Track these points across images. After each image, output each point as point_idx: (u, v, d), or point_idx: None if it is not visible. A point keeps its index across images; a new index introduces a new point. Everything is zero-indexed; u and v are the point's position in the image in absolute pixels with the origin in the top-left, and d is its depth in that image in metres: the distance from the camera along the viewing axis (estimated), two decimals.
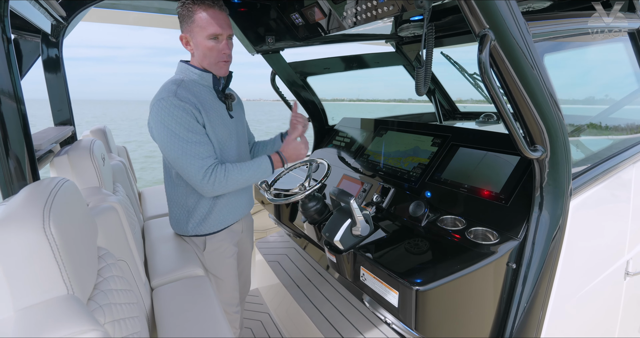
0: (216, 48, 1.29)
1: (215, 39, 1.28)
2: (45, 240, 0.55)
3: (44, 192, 0.63)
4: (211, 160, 1.29)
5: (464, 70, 2.66)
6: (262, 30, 2.14)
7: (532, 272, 1.18)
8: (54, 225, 0.57)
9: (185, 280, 1.23)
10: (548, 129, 1.08)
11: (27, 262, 0.54)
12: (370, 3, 1.58)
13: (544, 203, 1.17)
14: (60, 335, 0.49)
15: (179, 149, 1.24)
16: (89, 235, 0.76)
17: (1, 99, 0.80)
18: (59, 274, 0.56)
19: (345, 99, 7.09)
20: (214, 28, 1.26)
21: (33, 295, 0.55)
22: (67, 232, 0.60)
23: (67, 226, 0.62)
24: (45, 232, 0.55)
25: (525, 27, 0.93)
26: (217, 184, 1.28)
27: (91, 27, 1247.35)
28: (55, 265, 0.56)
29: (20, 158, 0.83)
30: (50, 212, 0.58)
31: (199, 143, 1.26)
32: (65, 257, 0.57)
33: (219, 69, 1.35)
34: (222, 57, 1.32)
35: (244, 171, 1.34)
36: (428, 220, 1.43)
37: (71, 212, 0.67)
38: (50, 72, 1.46)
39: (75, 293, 0.58)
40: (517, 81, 0.99)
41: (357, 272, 1.29)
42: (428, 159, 1.70)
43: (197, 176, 1.26)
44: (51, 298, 0.56)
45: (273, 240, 2.74)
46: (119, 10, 1.97)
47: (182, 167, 1.27)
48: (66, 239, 0.59)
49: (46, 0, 1.12)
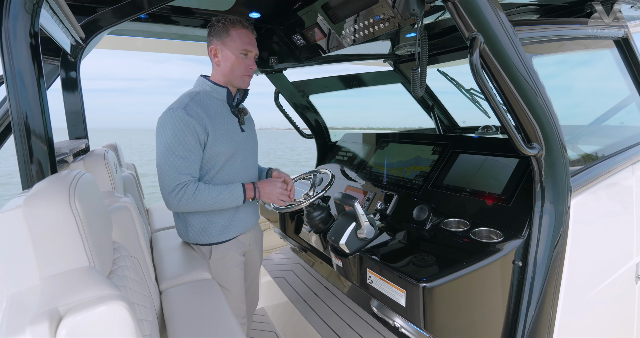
0: (244, 62, 1.42)
1: (245, 55, 1.42)
2: (70, 214, 0.59)
3: (67, 177, 0.67)
4: (186, 178, 1.32)
5: (460, 86, 2.76)
6: (266, 52, 2.27)
7: (539, 270, 1.18)
8: (79, 202, 0.61)
9: (194, 283, 1.24)
10: (541, 125, 1.12)
11: (54, 233, 0.58)
12: (367, 21, 1.69)
13: (545, 198, 1.19)
14: (84, 298, 0.51)
15: (163, 157, 1.31)
16: (106, 226, 0.79)
17: (30, 108, 0.86)
18: (82, 247, 0.60)
19: (356, 128, 7.31)
20: (247, 44, 1.40)
21: (58, 264, 0.58)
22: (90, 211, 0.64)
23: (90, 207, 0.66)
24: (71, 207, 0.59)
25: (511, 29, 1.01)
26: (184, 201, 1.32)
27: (114, 60, 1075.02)
28: (79, 238, 0.59)
29: (42, 160, 0.89)
30: (75, 191, 0.62)
31: (183, 158, 1.31)
32: (89, 232, 0.61)
33: (243, 81, 1.46)
34: (248, 71, 1.45)
35: (214, 195, 1.35)
36: (432, 223, 1.44)
37: (92, 198, 0.71)
38: (68, 89, 1.55)
39: (96, 266, 0.61)
40: (507, 80, 1.05)
41: (364, 275, 1.29)
42: (429, 166, 1.74)
43: (167, 188, 1.31)
44: (75, 268, 0.59)
45: (278, 257, 2.73)
46: (137, 37, 2.10)
47: (159, 175, 1.33)
48: (89, 216, 0.63)
49: (69, 21, 1.22)
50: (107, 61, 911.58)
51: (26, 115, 0.85)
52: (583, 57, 1.59)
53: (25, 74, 0.84)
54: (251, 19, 2.02)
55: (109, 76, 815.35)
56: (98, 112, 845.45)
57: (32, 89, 0.86)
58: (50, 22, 1.10)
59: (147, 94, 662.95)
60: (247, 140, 1.54)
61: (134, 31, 1.98)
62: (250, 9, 1.89)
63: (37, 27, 0.87)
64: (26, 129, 0.85)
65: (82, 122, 1.59)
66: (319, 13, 1.83)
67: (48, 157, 0.89)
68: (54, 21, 1.13)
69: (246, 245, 1.61)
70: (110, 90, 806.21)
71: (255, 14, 1.96)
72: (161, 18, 1.82)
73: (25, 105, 0.84)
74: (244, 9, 1.89)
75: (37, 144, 0.87)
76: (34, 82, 0.87)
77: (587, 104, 1.68)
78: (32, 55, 0.85)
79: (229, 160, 1.45)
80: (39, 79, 0.87)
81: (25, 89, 0.84)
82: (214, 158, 1.40)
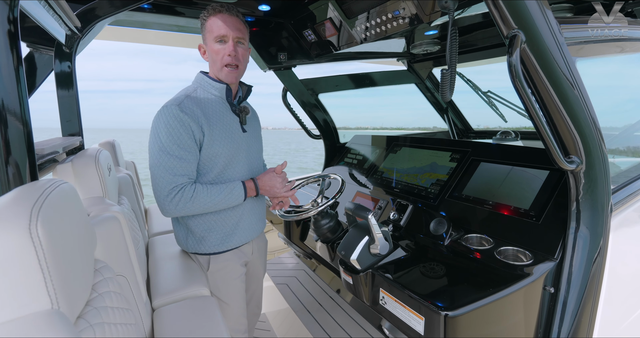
0: (222, 51, 1.25)
1: (222, 42, 1.25)
2: (29, 242, 0.48)
3: (36, 191, 0.56)
4: (183, 179, 1.21)
5: (477, 89, 2.62)
6: (274, 47, 2.15)
7: (572, 297, 1.06)
8: (42, 227, 0.49)
9: (190, 300, 1.13)
10: (583, 138, 1.00)
11: (5, 266, 0.46)
12: (385, 16, 1.56)
13: (582, 219, 1.07)
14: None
15: (157, 157, 1.19)
16: (86, 245, 0.68)
17: (5, 101, 0.76)
18: (43, 284, 0.48)
19: (370, 127, 7.13)
20: (219, 29, 1.23)
21: (10, 307, 0.46)
22: (58, 237, 0.53)
23: (60, 230, 0.55)
24: (30, 233, 0.48)
25: (557, 28, 0.88)
26: (181, 205, 1.20)
27: (132, 61, 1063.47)
28: (39, 273, 0.48)
29: (19, 161, 0.78)
30: (40, 212, 0.51)
31: (179, 158, 1.19)
32: (53, 265, 0.49)
33: (225, 75, 1.28)
34: (226, 60, 1.25)
35: (214, 195, 1.24)
36: (451, 238, 1.32)
37: (66, 216, 0.60)
38: (62, 82, 1.44)
39: (61, 309, 0.50)
40: (548, 85, 0.93)
41: (376, 295, 1.18)
42: (447, 174, 1.61)
43: (162, 191, 1.19)
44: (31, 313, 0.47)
45: (282, 261, 2.62)
46: (137, 28, 1.99)
47: (153, 177, 1.21)
48: (56, 244, 0.51)
49: (62, 9, 1.11)
50: (125, 62, 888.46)
51: (0, 112, 0.74)
52: (623, 59, 1.45)
53: (2, 65, 0.73)
54: (260, 12, 1.90)
55: (128, 77, 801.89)
56: (117, 112, 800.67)
57: (10, 80, 0.75)
58: (39, 8, 0.99)
59: (164, 94, 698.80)
60: (249, 141, 1.41)
61: (137, 22, 1.87)
62: (259, 0, 1.77)
63: (17, 13, 0.76)
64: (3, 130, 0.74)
65: (76, 118, 1.49)
66: (333, 6, 1.71)
67: (27, 161, 0.78)
68: (43, 7, 1.02)
69: (248, 255, 1.49)
70: (128, 91, 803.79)
71: (264, 7, 1.84)
72: (165, 8, 1.70)
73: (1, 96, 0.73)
74: (253, 1, 1.78)
75: (14, 145, 0.76)
76: (12, 73, 0.76)
77: (629, 113, 1.55)
78: (9, 43, 0.74)
79: (231, 162, 1.33)
80: (17, 68, 0.76)
81: (1, 80, 0.74)
82: (212, 160, 1.28)
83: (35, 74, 1.63)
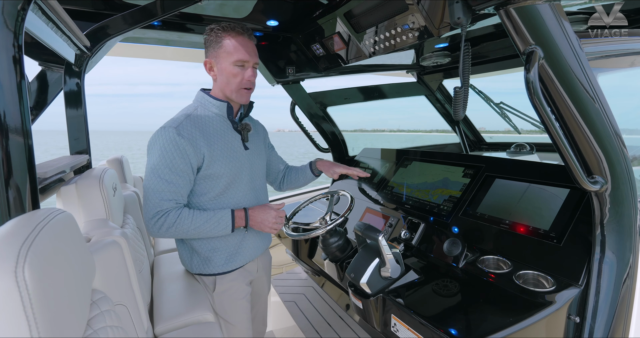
0: (241, 75, 1.27)
1: (241, 66, 1.26)
2: (15, 287, 0.45)
3: (28, 225, 0.54)
4: (170, 204, 1.19)
5: (489, 100, 2.57)
6: (283, 61, 2.15)
7: (599, 327, 0.99)
8: (29, 269, 0.46)
9: (193, 327, 1.09)
10: (608, 157, 0.94)
11: None
12: (394, 30, 1.54)
13: (607, 243, 1.00)
14: None
15: (149, 179, 1.19)
16: (82, 277, 0.66)
17: (7, 123, 0.74)
18: (27, 331, 0.45)
19: (368, 130, 7.04)
20: (241, 54, 1.24)
21: None
22: (49, 275, 0.50)
23: (52, 267, 0.52)
24: (16, 278, 0.45)
25: (577, 42, 0.84)
26: (164, 230, 1.18)
27: (153, 66, 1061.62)
28: (23, 319, 0.45)
29: (21, 187, 0.76)
30: (29, 251, 0.48)
31: (168, 182, 1.18)
32: (39, 310, 0.46)
33: (241, 96, 1.30)
34: (245, 84, 1.29)
35: (198, 224, 1.20)
36: (466, 260, 1.26)
37: (61, 249, 0.57)
38: (70, 100, 1.45)
39: None
40: (569, 102, 0.88)
41: (387, 321, 1.12)
42: (460, 191, 1.56)
43: (148, 213, 1.19)
44: None
45: (290, 277, 2.57)
46: (148, 45, 2.01)
47: (143, 197, 1.20)
48: (46, 285, 0.48)
49: (70, 30, 1.11)
50: (147, 67, 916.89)
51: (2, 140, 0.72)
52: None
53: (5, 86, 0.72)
54: (268, 27, 1.90)
55: (150, 81, 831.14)
56: (141, 115, 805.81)
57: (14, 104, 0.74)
58: (47, 30, 0.99)
59: (183, 98, 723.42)
60: (252, 158, 1.39)
61: (150, 39, 1.89)
62: (267, 16, 1.77)
63: (21, 40, 0.75)
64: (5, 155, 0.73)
65: (84, 135, 1.49)
66: (341, 21, 1.69)
67: (28, 186, 0.76)
68: (51, 29, 1.02)
69: (253, 273, 1.45)
70: (151, 95, 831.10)
71: (273, 22, 1.84)
72: (175, 26, 1.71)
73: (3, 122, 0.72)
74: (262, 17, 1.78)
75: (16, 170, 0.75)
76: (14, 90, 0.75)
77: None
78: (14, 68, 0.73)
79: (233, 181, 1.30)
80: (20, 83, 0.75)
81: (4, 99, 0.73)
82: (214, 179, 1.27)
83: (47, 91, 1.65)
